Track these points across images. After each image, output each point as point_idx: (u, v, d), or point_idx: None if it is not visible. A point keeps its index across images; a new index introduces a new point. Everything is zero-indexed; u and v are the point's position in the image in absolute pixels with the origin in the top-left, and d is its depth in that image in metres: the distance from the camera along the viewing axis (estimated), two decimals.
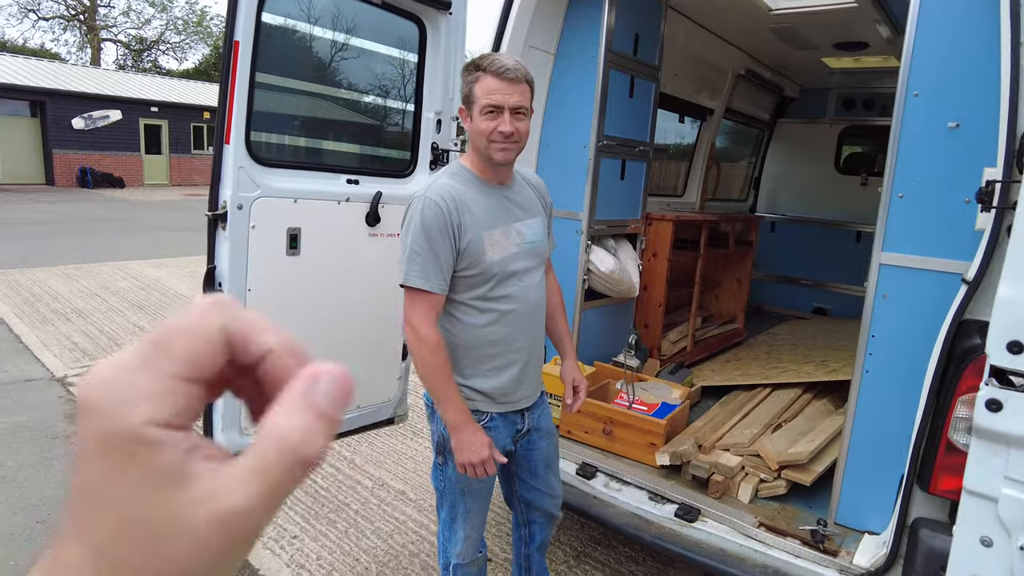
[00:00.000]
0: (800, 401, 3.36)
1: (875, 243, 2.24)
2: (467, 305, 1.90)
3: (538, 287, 2.01)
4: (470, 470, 1.88)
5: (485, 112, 1.79)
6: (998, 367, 1.06)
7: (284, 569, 2.90)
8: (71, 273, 8.63)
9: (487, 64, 1.78)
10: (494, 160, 1.85)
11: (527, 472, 2.21)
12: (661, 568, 3.04)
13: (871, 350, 2.28)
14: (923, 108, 2.13)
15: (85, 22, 36.57)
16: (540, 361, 2.10)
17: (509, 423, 2.04)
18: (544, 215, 2.09)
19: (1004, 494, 1.02)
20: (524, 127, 1.84)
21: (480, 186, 1.91)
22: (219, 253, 2.31)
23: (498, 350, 1.93)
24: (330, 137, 3.01)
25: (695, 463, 2.60)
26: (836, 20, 3.87)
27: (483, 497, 2.09)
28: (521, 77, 1.79)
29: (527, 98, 1.83)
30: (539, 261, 2.02)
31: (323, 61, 2.85)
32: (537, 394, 2.12)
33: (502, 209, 1.93)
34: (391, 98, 3.03)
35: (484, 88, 1.78)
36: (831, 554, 2.24)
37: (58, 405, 4.50)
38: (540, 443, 2.18)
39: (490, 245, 1.86)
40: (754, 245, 5.23)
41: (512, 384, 1.98)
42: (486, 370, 1.94)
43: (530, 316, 1.98)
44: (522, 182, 2.05)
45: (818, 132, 6.28)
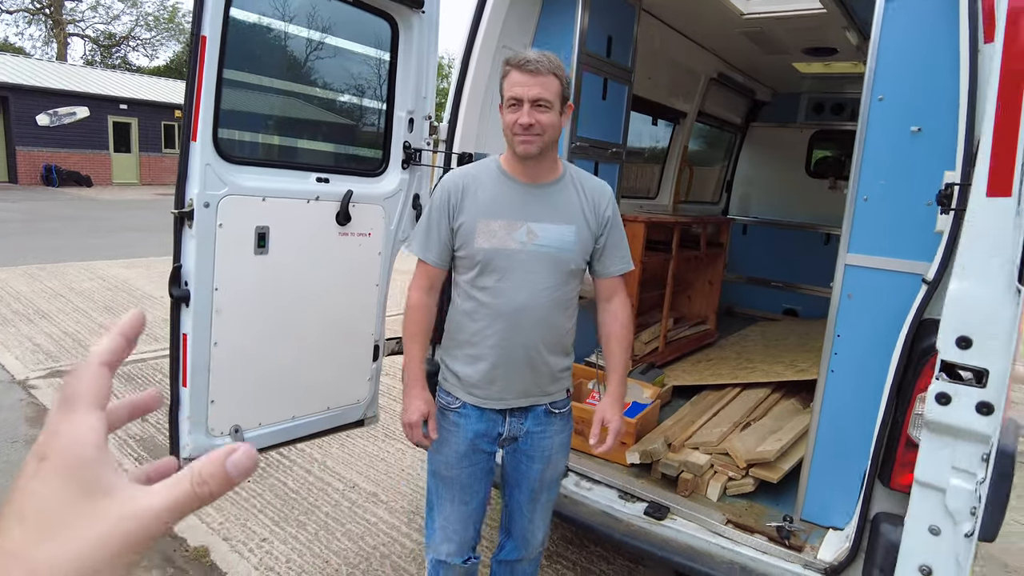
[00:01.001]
0: (769, 400, 3.41)
1: (840, 244, 2.29)
2: (460, 287, 1.96)
3: (538, 292, 1.88)
4: (406, 431, 1.99)
5: (508, 105, 1.82)
6: (948, 362, 1.09)
7: (253, 572, 2.86)
8: (34, 273, 8.41)
9: (513, 58, 1.81)
10: (517, 153, 1.84)
11: (512, 484, 2.13)
12: (631, 567, 3.06)
13: (836, 349, 2.32)
14: (887, 113, 2.18)
15: (51, 16, 35.69)
16: (527, 368, 1.93)
17: (487, 419, 1.97)
18: (585, 225, 1.92)
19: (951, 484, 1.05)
20: (547, 119, 1.79)
21: (501, 178, 1.91)
22: (185, 252, 2.27)
23: (473, 339, 1.93)
24: (300, 135, 2.98)
25: (665, 462, 2.62)
26: (806, 25, 3.94)
27: (453, 487, 2.02)
28: (545, 69, 1.77)
29: (551, 91, 1.78)
30: (552, 268, 1.89)
31: (294, 58, 2.82)
32: (526, 403, 1.98)
33: (517, 204, 1.88)
34: (363, 96, 3.01)
35: (509, 82, 1.81)
36: (796, 549, 2.27)
37: (19, 408, 4.38)
38: (530, 464, 2.05)
39: (483, 233, 1.86)
40: (725, 247, 5.30)
41: (483, 379, 1.93)
42: (462, 355, 1.97)
43: (510, 318, 1.88)
44: (571, 187, 1.94)
45: (789, 136, 6.39)
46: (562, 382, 2.04)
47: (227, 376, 2.42)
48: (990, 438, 1.01)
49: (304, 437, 2.79)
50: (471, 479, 2.02)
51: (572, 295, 1.98)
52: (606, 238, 1.97)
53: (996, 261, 1.01)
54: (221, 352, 2.39)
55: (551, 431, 2.03)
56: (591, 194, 1.96)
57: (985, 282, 1.02)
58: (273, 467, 3.79)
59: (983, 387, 1.03)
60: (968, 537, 1.04)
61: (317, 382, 2.74)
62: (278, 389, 2.60)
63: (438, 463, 2.03)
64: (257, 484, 3.58)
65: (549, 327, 1.93)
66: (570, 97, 1.89)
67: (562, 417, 2.06)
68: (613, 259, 2.00)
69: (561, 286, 1.92)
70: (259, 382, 2.54)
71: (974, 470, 1.03)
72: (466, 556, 2.09)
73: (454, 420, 1.99)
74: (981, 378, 1.04)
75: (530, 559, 2.22)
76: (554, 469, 2.10)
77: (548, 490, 2.13)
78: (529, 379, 1.95)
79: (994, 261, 1.01)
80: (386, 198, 2.81)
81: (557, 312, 1.93)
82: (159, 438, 4.05)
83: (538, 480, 2.07)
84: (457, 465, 2.00)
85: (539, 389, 1.98)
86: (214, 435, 2.44)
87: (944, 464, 1.06)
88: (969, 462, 1.04)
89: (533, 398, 1.99)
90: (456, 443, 1.99)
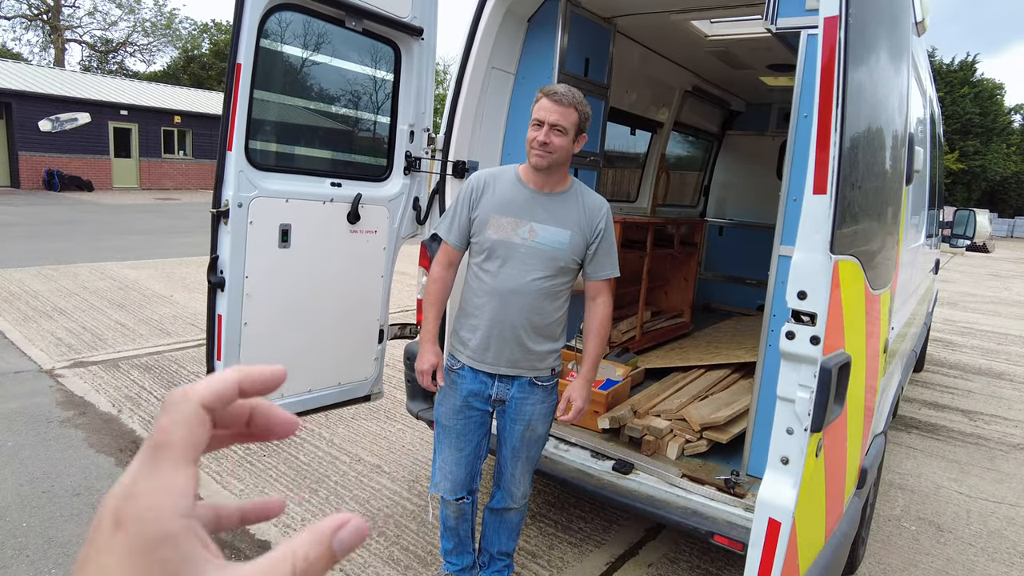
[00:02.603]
0: (729, 379, 3.84)
1: (775, 238, 2.71)
2: (472, 267, 2.38)
3: (529, 281, 2.26)
4: (418, 376, 2.44)
5: (532, 124, 2.23)
6: (794, 309, 1.52)
7: (272, 528, 3.26)
8: (48, 274, 8.79)
9: (546, 88, 2.24)
10: (531, 164, 2.26)
11: (499, 442, 2.52)
12: (606, 524, 3.48)
13: (772, 327, 2.74)
14: (810, 127, 2.60)
15: (49, 22, 36.05)
16: (513, 343, 2.30)
17: (479, 381, 2.38)
18: (579, 232, 2.30)
19: (798, 396, 1.48)
20: (559, 142, 2.20)
21: (516, 183, 2.33)
22: (221, 245, 2.68)
23: (475, 312, 2.35)
24: (317, 145, 3.40)
25: (630, 426, 3.04)
26: (764, 46, 4.39)
27: (450, 435, 2.44)
28: (567, 102, 2.19)
29: (569, 120, 2.20)
30: (545, 262, 2.27)
31: (312, 79, 3.24)
32: (513, 372, 2.35)
33: (525, 206, 2.29)
34: (370, 111, 3.43)
35: (538, 106, 2.22)
36: (740, 496, 2.69)
37: (49, 393, 4.77)
38: (513, 424, 2.43)
39: (494, 225, 2.28)
40: (699, 246, 5.73)
41: (479, 346, 2.35)
42: (466, 324, 2.39)
43: (503, 299, 2.28)
44: (574, 200, 2.33)
45: (762, 144, 6.85)
46: (548, 361, 2.42)
47: (255, 352, 2.83)
48: (818, 360, 1.44)
49: (318, 408, 3.20)
50: (465, 429, 2.44)
51: (561, 288, 2.36)
52: (597, 246, 2.34)
53: (818, 237, 1.45)
54: (250, 331, 2.80)
55: (533, 399, 2.40)
56: (589, 208, 2.34)
57: (812, 251, 1.47)
58: (285, 444, 4.19)
59: (814, 326, 1.47)
60: (806, 432, 1.47)
61: (330, 360, 3.16)
62: (297, 365, 3.01)
63: (441, 413, 2.48)
64: (272, 458, 3.98)
65: (536, 311, 2.30)
66: (586, 130, 2.30)
67: (545, 389, 2.42)
68: (601, 265, 2.37)
69: (551, 279, 2.29)
70: (281, 358, 2.93)
71: (810, 384, 1.46)
72: (459, 495, 2.50)
73: (454, 379, 2.43)
74: (813, 319, 1.48)
75: (516, 510, 2.60)
76: (533, 432, 2.45)
77: (528, 449, 2.47)
78: (516, 353, 2.33)
79: (816, 237, 1.45)
80: (390, 200, 3.22)
81: (545, 300, 2.30)
82: None
83: (519, 439, 2.44)
84: (454, 417, 2.43)
85: (527, 363, 2.35)
86: None
87: (793, 383, 1.48)
88: (807, 379, 1.46)
89: (520, 369, 2.36)
90: (454, 398, 2.43)
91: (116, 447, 3.97)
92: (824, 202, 1.44)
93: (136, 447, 3.98)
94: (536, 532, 3.36)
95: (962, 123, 37.03)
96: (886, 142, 1.95)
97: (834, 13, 1.41)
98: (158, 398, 4.83)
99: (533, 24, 3.72)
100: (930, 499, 4.11)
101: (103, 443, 4.02)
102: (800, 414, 1.47)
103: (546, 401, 2.44)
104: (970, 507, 4.04)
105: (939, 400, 6.25)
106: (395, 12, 3.09)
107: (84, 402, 4.66)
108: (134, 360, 5.66)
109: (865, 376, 1.94)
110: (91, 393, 4.83)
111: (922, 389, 6.56)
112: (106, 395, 4.81)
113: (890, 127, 1.99)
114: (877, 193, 1.91)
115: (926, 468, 4.59)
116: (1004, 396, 6.55)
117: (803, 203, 1.50)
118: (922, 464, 4.66)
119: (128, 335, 6.38)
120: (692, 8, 3.66)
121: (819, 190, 1.45)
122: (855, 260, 1.64)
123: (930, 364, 7.55)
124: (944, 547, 3.56)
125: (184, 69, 39.54)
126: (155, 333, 6.51)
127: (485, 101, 3.59)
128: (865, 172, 1.68)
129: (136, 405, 4.66)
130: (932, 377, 7.05)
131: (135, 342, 6.18)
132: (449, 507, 2.54)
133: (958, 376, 7.19)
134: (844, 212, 1.49)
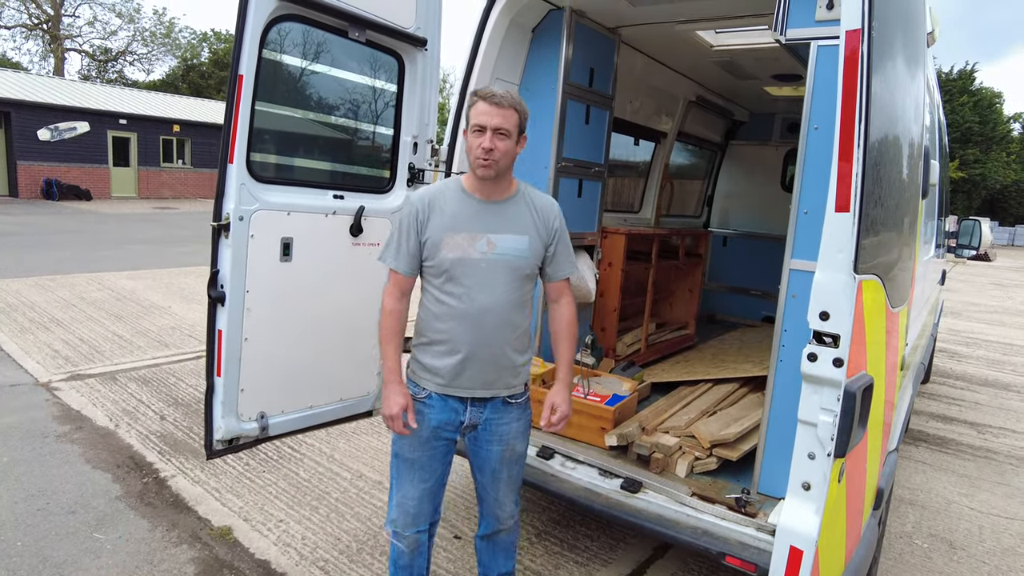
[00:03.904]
0: (737, 394, 3.78)
1: (786, 251, 2.66)
2: (430, 292, 2.21)
3: (498, 295, 2.14)
4: (386, 422, 2.20)
5: (473, 131, 2.08)
6: (816, 330, 1.47)
7: (272, 547, 3.19)
8: (46, 284, 8.73)
9: (481, 91, 2.09)
10: (477, 175, 2.12)
11: (476, 468, 2.38)
12: (613, 543, 3.41)
13: (784, 342, 2.68)
14: (821, 140, 2.55)
15: (49, 31, 36.16)
16: (491, 363, 2.18)
17: (449, 408, 2.22)
18: (536, 236, 2.21)
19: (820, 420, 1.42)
20: (504, 146, 2.06)
21: (462, 196, 2.18)
22: (222, 258, 2.63)
23: (443, 337, 2.17)
24: (319, 157, 3.36)
25: (638, 443, 2.97)
26: (769, 56, 4.36)
27: (413, 468, 2.26)
28: (508, 104, 2.06)
29: (511, 122, 2.07)
30: (510, 273, 2.16)
31: (313, 90, 3.20)
32: (488, 394, 2.23)
33: (477, 218, 2.15)
34: (373, 123, 3.38)
35: (475, 111, 2.07)
36: (751, 516, 2.62)
37: (45, 407, 4.70)
38: (489, 446, 2.30)
39: (448, 244, 2.12)
40: (704, 257, 5.68)
41: (451, 371, 2.18)
42: (432, 351, 2.21)
43: (475, 320, 2.13)
44: (524, 203, 2.22)
45: (766, 154, 6.82)
46: (522, 375, 2.33)
47: (255, 368, 2.77)
48: (842, 383, 1.39)
49: (320, 424, 3.14)
50: (431, 461, 2.27)
51: (527, 297, 2.28)
52: (555, 247, 2.26)
53: (841, 256, 1.40)
54: (251, 347, 2.74)
55: (508, 418, 2.29)
56: (542, 210, 2.24)
57: (835, 271, 1.41)
58: (285, 459, 4.12)
59: (837, 347, 1.41)
60: (829, 457, 1.41)
61: (332, 376, 3.10)
62: (298, 381, 2.95)
63: (402, 446, 2.27)
64: (271, 474, 3.91)
65: (510, 326, 2.19)
66: (525, 130, 2.19)
67: (519, 406, 2.32)
68: (561, 265, 2.30)
69: (518, 289, 2.20)
70: (282, 374, 2.89)
71: (833, 408, 1.40)
72: (418, 528, 2.33)
73: (419, 409, 2.23)
74: (836, 340, 1.42)
75: (506, 530, 2.48)
76: (512, 451, 2.33)
77: (508, 468, 2.35)
78: (492, 373, 2.21)
79: (840, 256, 1.40)
80: (393, 212, 3.17)
81: (516, 312, 2.20)
82: (178, 435, 4.38)
83: (498, 461, 2.32)
84: (420, 448, 2.25)
85: (502, 382, 2.24)
86: (243, 420, 2.78)
87: (815, 406, 1.42)
88: (830, 402, 1.41)
89: (495, 390, 2.24)
90: (420, 429, 2.23)
91: (113, 463, 3.90)
92: (847, 220, 1.39)
93: (133, 462, 3.91)
94: (542, 551, 3.29)
95: (961, 132, 37.16)
96: (905, 156, 1.90)
97: (856, 26, 1.37)
98: (155, 412, 4.76)
99: (537, 34, 3.69)
100: (941, 515, 4.05)
101: (100, 458, 3.94)
102: (823, 439, 1.42)
103: (521, 418, 2.35)
104: (982, 523, 3.98)
105: (947, 412, 6.19)
106: (398, 23, 3.05)
107: (81, 416, 4.59)
108: (132, 373, 5.59)
109: (884, 393, 1.88)
110: (88, 407, 4.76)
111: (929, 401, 6.50)
112: (103, 409, 4.74)
113: (908, 140, 1.94)
114: (897, 209, 1.86)
115: (936, 483, 4.53)
116: (1012, 408, 6.49)
117: (825, 221, 1.44)
118: (932, 479, 4.59)
119: (126, 347, 6.31)
120: (698, 18, 3.63)
121: (842, 208, 1.39)
122: (876, 279, 1.59)
123: (936, 375, 7.49)
124: (957, 565, 3.49)
125: (183, 78, 39.63)
126: (153, 345, 6.45)
127: None
128: (887, 188, 1.63)
129: (133, 419, 4.59)
130: (939, 389, 6.99)
131: (133, 354, 6.11)
132: (405, 541, 2.34)
133: (965, 388, 7.13)
134: (867, 229, 1.44)
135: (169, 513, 3.42)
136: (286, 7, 2.66)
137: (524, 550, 3.28)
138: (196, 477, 3.81)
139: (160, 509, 3.45)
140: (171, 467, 3.91)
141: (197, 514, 3.44)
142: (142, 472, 3.82)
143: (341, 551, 3.19)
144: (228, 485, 3.76)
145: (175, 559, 3.04)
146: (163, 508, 3.46)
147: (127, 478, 3.73)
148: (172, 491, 3.64)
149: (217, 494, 3.65)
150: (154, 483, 3.71)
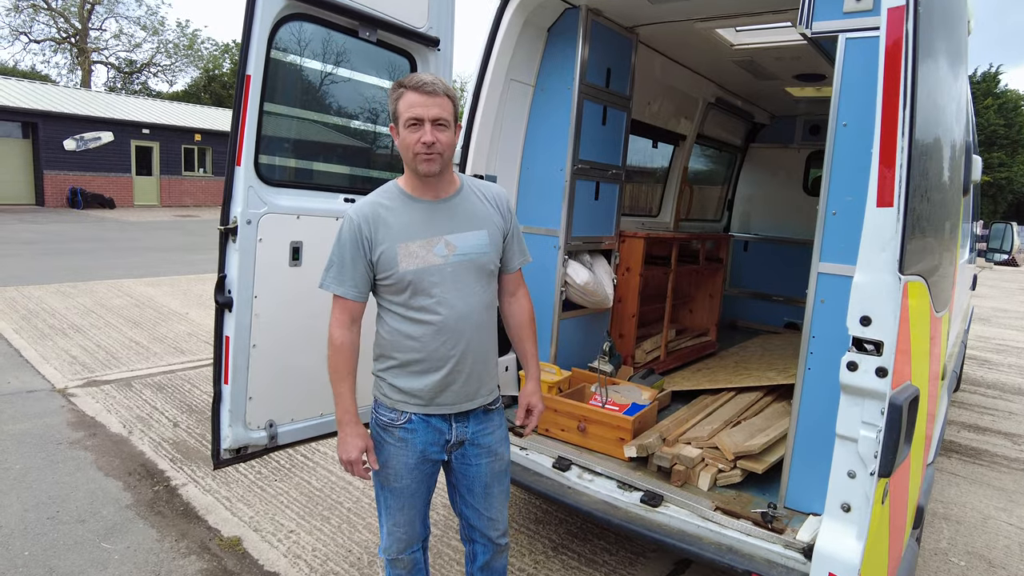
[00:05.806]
0: (761, 403, 3.63)
1: (814, 254, 2.53)
2: (392, 311, 2.01)
3: (472, 298, 1.99)
4: (345, 467, 2.02)
5: (408, 125, 1.88)
6: (856, 337, 1.34)
7: (282, 559, 3.11)
8: (66, 291, 8.80)
9: (408, 81, 1.89)
10: (420, 172, 1.92)
11: (464, 488, 2.20)
12: (632, 558, 3.28)
13: (812, 349, 2.56)
14: (850, 137, 2.43)
15: (76, 44, 36.93)
16: (477, 372, 2.05)
17: (432, 429, 2.04)
18: (495, 227, 2.06)
19: (861, 435, 1.30)
20: (445, 138, 1.89)
21: (406, 201, 1.98)
22: (229, 263, 2.57)
23: (420, 355, 1.98)
24: (329, 160, 3.29)
25: (659, 455, 2.85)
26: (791, 55, 4.23)
27: (402, 496, 2.11)
28: (440, 91, 1.87)
29: (448, 111, 1.88)
30: (477, 273, 2.01)
31: (323, 91, 3.14)
32: (473, 405, 2.08)
33: (428, 222, 1.97)
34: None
35: (406, 103, 1.87)
36: (778, 532, 2.49)
37: (60, 414, 4.69)
38: (478, 460, 2.15)
39: (404, 256, 1.93)
40: (725, 262, 5.53)
41: (434, 389, 2.00)
42: (408, 372, 2.00)
43: (456, 327, 1.97)
44: (473, 196, 2.07)
45: (788, 156, 6.66)
46: (495, 379, 2.18)
47: (264, 375, 2.70)
48: (886, 395, 1.26)
49: (332, 433, 3.06)
50: (419, 485, 2.11)
51: (494, 295, 2.12)
52: (511, 235, 2.12)
53: (885, 255, 1.27)
54: (259, 353, 2.67)
55: (491, 427, 2.16)
56: (492, 199, 2.10)
57: (877, 271, 1.28)
58: (298, 468, 4.05)
59: (880, 356, 1.29)
60: (872, 476, 1.28)
61: None
62: (307, 388, 2.87)
63: (388, 475, 2.08)
64: (283, 483, 3.85)
65: (487, 329, 2.06)
66: (459, 118, 2.01)
67: (498, 412, 2.20)
68: (515, 254, 2.16)
69: (487, 288, 2.05)
70: (291, 382, 2.82)
71: (876, 422, 1.28)
72: (413, 549, 2.22)
73: (400, 436, 2.03)
74: (879, 348, 1.30)
75: (501, 551, 2.33)
76: (500, 460, 2.20)
77: (499, 481, 2.22)
78: (476, 383, 2.06)
79: (883, 256, 1.27)
80: None
81: (487, 314, 2.06)
82: (190, 442, 4.33)
83: (488, 474, 2.17)
84: (408, 476, 2.07)
85: (486, 389, 2.11)
86: (251, 428, 2.71)
87: (856, 419, 1.30)
88: (872, 416, 1.28)
89: (481, 399, 2.10)
90: (406, 457, 2.05)
91: (124, 470, 3.86)
92: (891, 215, 1.27)
93: (145, 470, 3.86)
94: (559, 565, 3.17)
95: (987, 135, 36.46)
96: (948, 148, 1.77)
97: (900, 3, 1.25)
98: (169, 418, 4.73)
99: (553, 34, 3.60)
100: (978, 531, 3.86)
101: (111, 466, 3.90)
102: (864, 455, 1.30)
103: (502, 425, 2.23)
104: (1022, 540, 3.78)
105: (979, 422, 5.96)
106: (410, 22, 2.99)
107: (95, 423, 4.57)
108: (147, 379, 5.58)
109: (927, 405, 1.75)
110: (102, 413, 4.74)
111: (960, 410, 6.27)
112: (117, 415, 4.72)
113: (950, 132, 1.81)
114: (941, 205, 1.73)
115: (971, 497, 4.33)
116: None
117: (865, 217, 1.33)
118: (966, 492, 4.40)
119: (142, 353, 6.31)
120: (717, 15, 3.52)
121: (884, 202, 1.27)
122: (922, 280, 1.47)
123: (967, 383, 7.24)
124: None
125: (205, 88, 40.18)
126: (169, 351, 6.44)
127: (503, 114, 3.47)
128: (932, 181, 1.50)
129: (147, 426, 4.56)
130: (970, 397, 6.75)
131: (149, 360, 6.11)
132: (400, 565, 2.22)
133: (997, 396, 6.88)
134: (913, 226, 1.32)
135: (179, 522, 3.36)
136: (295, 6, 2.60)
137: (540, 564, 3.17)
138: (207, 486, 3.75)
139: (170, 518, 3.39)
140: (182, 475, 3.86)
141: (207, 524, 3.37)
142: (153, 480, 3.77)
143: (352, 563, 3.10)
144: (239, 494, 3.69)
145: (183, 571, 2.97)
146: (173, 517, 3.41)
147: (138, 486, 3.68)
148: (183, 500, 3.59)
149: (228, 503, 3.58)
150: (165, 491, 3.66)
